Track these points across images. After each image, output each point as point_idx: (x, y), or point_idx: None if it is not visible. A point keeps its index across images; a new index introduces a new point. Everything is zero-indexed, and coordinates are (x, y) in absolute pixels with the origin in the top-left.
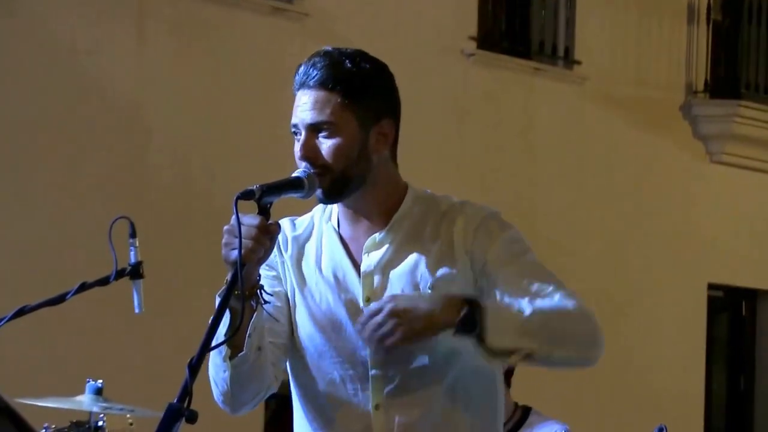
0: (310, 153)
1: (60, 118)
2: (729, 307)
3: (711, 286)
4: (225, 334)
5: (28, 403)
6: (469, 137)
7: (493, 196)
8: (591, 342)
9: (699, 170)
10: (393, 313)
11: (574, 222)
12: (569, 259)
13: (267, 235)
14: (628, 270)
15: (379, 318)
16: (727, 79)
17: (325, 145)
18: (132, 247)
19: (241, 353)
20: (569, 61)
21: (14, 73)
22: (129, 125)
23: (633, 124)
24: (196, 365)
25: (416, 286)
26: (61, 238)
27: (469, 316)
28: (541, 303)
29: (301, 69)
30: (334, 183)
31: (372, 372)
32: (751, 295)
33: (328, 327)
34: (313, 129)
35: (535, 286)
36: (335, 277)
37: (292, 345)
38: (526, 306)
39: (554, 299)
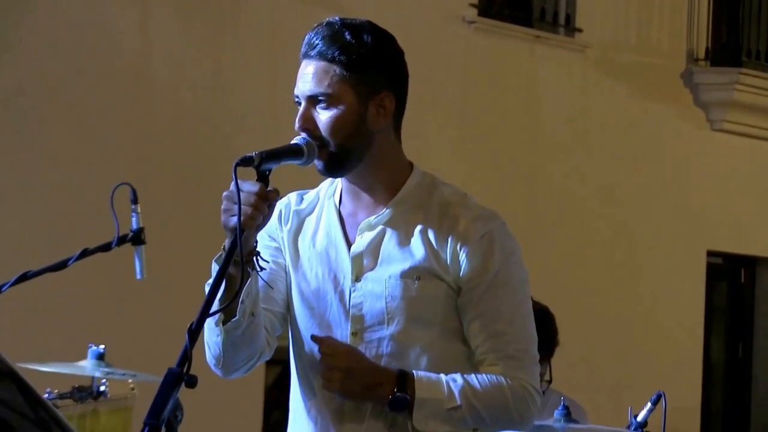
0: (308, 124)
1: (64, 87)
2: (728, 275)
3: (710, 254)
4: (220, 300)
5: (30, 368)
6: (470, 105)
7: (495, 163)
8: (517, 425)
9: (699, 138)
10: (339, 368)
11: (574, 187)
12: (569, 226)
13: (266, 201)
14: (627, 236)
15: (329, 363)
16: (728, 47)
17: (323, 116)
18: (134, 213)
19: (234, 318)
20: (570, 28)
21: (18, 43)
22: (132, 93)
23: (634, 91)
24: (196, 330)
25: (404, 275)
26: (63, 204)
27: (399, 399)
28: (477, 381)
29: (306, 38)
30: (332, 155)
31: None
32: (750, 262)
33: (315, 303)
34: (312, 100)
35: (494, 342)
36: (327, 254)
37: (289, 315)
38: (459, 386)
39: (495, 370)
